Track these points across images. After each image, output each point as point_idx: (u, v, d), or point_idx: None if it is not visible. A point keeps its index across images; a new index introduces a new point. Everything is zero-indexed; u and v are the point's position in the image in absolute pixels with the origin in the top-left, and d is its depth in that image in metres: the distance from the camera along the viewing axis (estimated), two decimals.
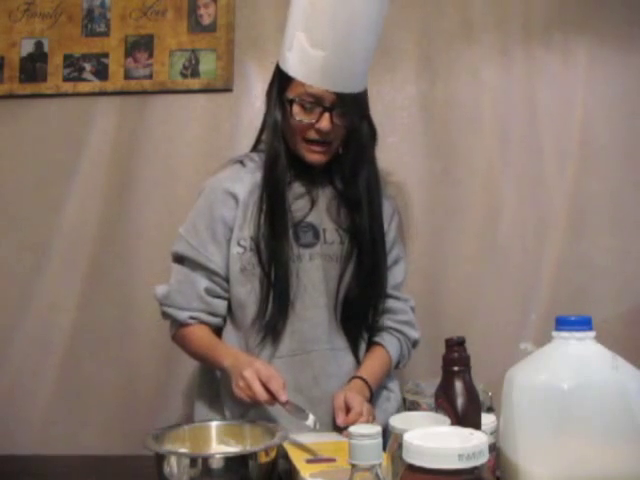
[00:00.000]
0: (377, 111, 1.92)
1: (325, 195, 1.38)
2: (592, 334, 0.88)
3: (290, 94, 1.29)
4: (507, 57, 1.93)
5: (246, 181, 1.35)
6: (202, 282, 1.32)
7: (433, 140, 1.93)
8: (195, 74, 1.96)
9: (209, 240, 1.33)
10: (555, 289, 1.87)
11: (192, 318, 1.33)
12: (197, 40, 1.97)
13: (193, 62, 1.97)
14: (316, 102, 1.27)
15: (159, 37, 1.97)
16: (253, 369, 1.15)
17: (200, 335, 1.34)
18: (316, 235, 1.35)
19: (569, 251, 1.88)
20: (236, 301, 1.34)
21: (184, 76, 1.97)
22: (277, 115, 1.33)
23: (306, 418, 1.09)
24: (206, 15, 1.97)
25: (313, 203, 1.36)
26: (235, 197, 1.34)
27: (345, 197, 1.37)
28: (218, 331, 1.38)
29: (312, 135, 1.29)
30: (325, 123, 1.27)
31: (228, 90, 1.96)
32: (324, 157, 1.33)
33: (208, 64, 1.96)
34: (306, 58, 1.25)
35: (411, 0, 1.96)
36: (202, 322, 1.34)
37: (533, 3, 1.93)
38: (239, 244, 1.32)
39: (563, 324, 0.89)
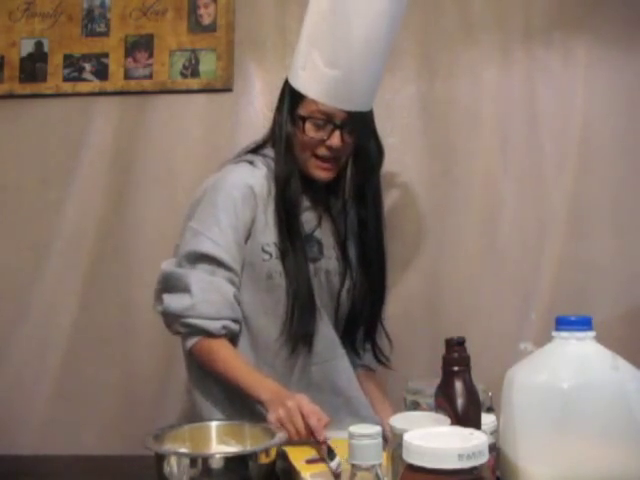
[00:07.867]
0: (377, 111, 1.94)
1: (326, 209, 1.40)
2: (592, 334, 0.88)
3: (302, 111, 1.30)
4: (507, 57, 1.93)
5: (260, 178, 1.33)
6: (229, 288, 1.25)
7: (433, 140, 1.93)
8: (195, 74, 1.96)
9: (233, 241, 1.27)
10: (555, 289, 1.87)
11: (224, 327, 1.24)
12: (197, 40, 1.96)
13: (193, 62, 1.96)
14: (327, 119, 1.28)
15: (159, 37, 1.97)
16: (295, 401, 1.11)
17: (230, 355, 1.24)
18: (320, 250, 1.36)
19: (569, 251, 1.88)
20: (260, 308, 1.30)
21: (184, 76, 1.96)
22: (289, 132, 1.32)
23: (333, 459, 1.02)
24: (206, 15, 1.97)
25: (320, 218, 1.37)
26: (254, 194, 1.30)
27: (347, 213, 1.40)
28: (231, 341, 1.31)
29: (322, 151, 1.31)
30: (336, 140, 1.29)
31: (228, 90, 1.96)
32: (331, 173, 1.34)
33: (208, 64, 1.96)
34: (320, 77, 1.26)
35: (411, 0, 1.95)
36: (231, 332, 1.27)
37: (533, 3, 1.93)
38: (264, 250, 1.29)
39: (563, 324, 0.89)
